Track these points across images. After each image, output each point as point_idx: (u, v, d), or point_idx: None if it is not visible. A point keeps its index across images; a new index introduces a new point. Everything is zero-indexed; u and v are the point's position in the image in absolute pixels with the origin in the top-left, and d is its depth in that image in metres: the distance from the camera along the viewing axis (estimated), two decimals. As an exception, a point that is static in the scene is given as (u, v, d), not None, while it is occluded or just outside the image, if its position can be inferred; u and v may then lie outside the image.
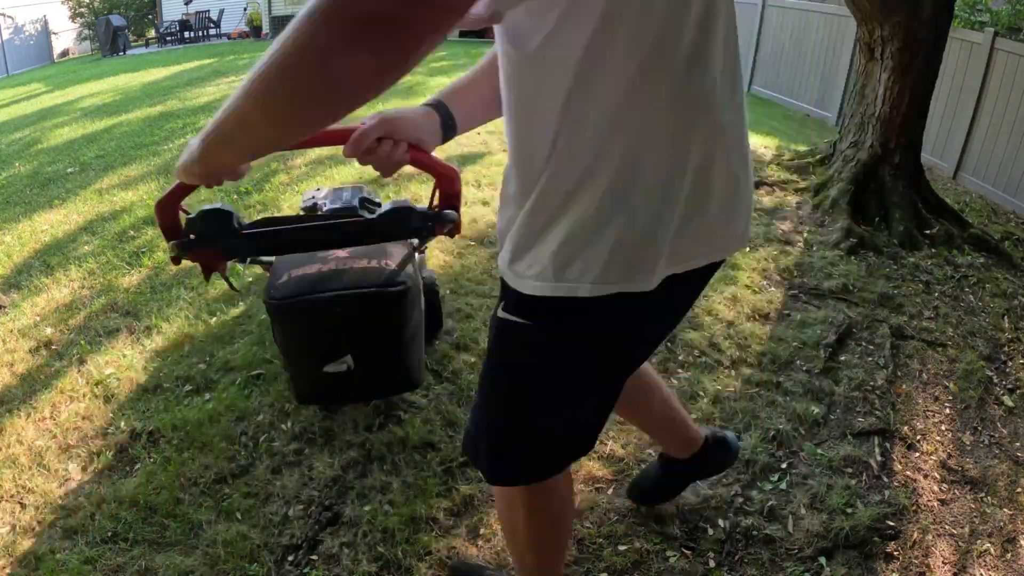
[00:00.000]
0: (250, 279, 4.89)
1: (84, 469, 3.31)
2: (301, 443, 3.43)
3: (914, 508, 3.12)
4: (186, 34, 20.52)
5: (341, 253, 3.03)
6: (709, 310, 4.41)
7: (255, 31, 19.76)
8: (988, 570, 2.87)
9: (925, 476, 3.33)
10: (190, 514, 3.04)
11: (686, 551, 2.88)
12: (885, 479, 3.26)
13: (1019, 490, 3.29)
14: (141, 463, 3.32)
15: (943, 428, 3.66)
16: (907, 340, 4.31)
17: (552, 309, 1.47)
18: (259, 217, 2.67)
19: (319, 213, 3.56)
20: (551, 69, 1.25)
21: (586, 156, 1.32)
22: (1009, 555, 2.94)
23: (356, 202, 3.62)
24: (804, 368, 3.95)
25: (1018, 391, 4.01)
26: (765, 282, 4.78)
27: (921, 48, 5.57)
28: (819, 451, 3.39)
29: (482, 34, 19.11)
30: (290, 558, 2.85)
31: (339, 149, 1.73)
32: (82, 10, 21.84)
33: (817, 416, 3.60)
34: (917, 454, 3.46)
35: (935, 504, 3.17)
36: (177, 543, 2.91)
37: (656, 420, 2.69)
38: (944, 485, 3.29)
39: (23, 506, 3.12)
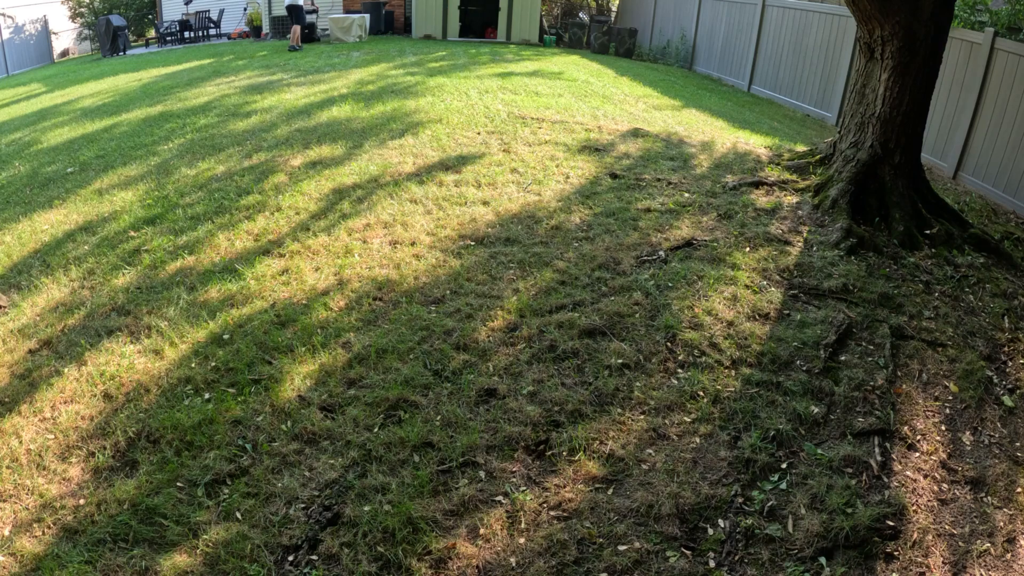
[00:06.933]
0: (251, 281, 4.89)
1: (84, 469, 3.31)
2: (301, 443, 3.43)
3: (914, 508, 3.12)
4: (186, 34, 20.50)
5: None
6: (709, 310, 4.41)
7: (255, 31, 19.76)
8: (988, 570, 2.87)
9: (925, 476, 3.32)
10: (190, 514, 3.04)
11: (686, 551, 2.88)
12: (885, 479, 3.26)
13: (1019, 490, 3.28)
14: (141, 463, 3.32)
15: (943, 428, 3.65)
16: (907, 340, 4.31)
17: None
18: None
19: None
20: None
21: None
22: (1009, 555, 2.94)
23: None
24: (804, 368, 3.95)
25: (1018, 391, 4.01)
26: (765, 282, 4.78)
27: (921, 48, 5.57)
28: (819, 451, 3.39)
29: (483, 34, 19.08)
30: (290, 558, 2.85)
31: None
32: (82, 10, 21.81)
33: (817, 416, 3.60)
34: (917, 454, 3.46)
35: (935, 504, 3.17)
36: (177, 543, 2.91)
37: None
38: (944, 485, 3.29)
39: (23, 506, 3.12)
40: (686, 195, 6.21)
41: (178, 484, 3.19)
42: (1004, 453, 3.51)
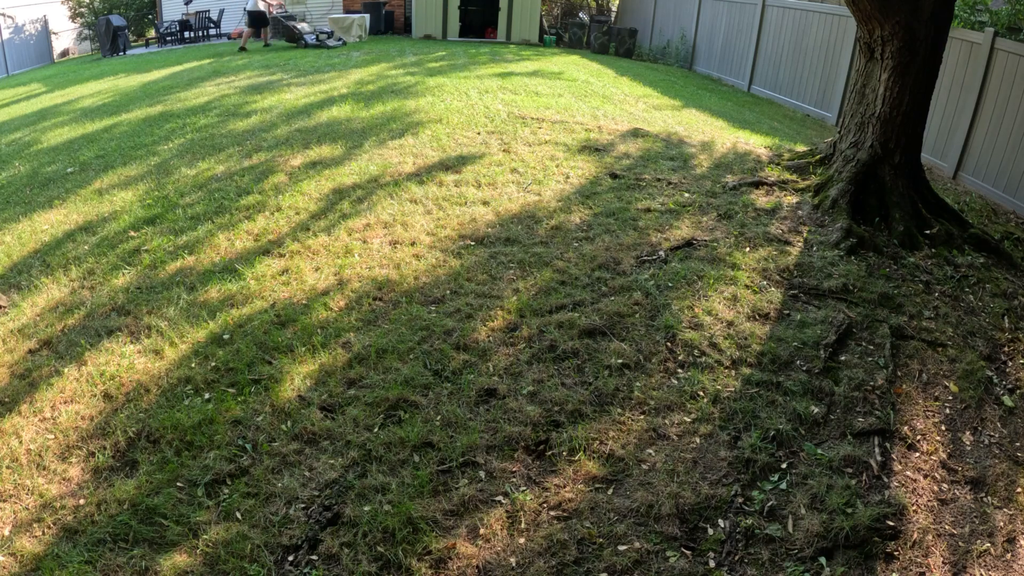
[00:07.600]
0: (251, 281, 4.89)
1: (84, 469, 3.31)
2: (301, 443, 3.43)
3: (914, 508, 3.12)
4: (186, 34, 20.54)
5: None
6: (709, 310, 4.41)
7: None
8: (988, 570, 2.87)
9: (925, 476, 3.33)
10: (190, 514, 3.04)
11: (686, 551, 2.88)
12: (885, 479, 3.26)
13: (1019, 490, 3.29)
14: (141, 463, 3.32)
15: (943, 428, 3.65)
16: (907, 340, 4.31)
17: None
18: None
19: None
20: None
21: None
22: (1009, 555, 2.94)
23: None
24: (804, 368, 3.95)
25: (1018, 391, 4.01)
26: (765, 282, 4.78)
27: (921, 48, 5.57)
28: (819, 451, 3.39)
29: (482, 34, 19.09)
30: (290, 558, 2.85)
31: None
32: (82, 10, 21.82)
33: (817, 416, 3.60)
34: (917, 454, 3.46)
35: (935, 504, 3.17)
36: (177, 543, 2.91)
37: None
38: (944, 485, 3.29)
39: (23, 506, 3.12)
40: (686, 195, 6.21)
41: (178, 484, 3.19)
42: (1004, 453, 3.51)
